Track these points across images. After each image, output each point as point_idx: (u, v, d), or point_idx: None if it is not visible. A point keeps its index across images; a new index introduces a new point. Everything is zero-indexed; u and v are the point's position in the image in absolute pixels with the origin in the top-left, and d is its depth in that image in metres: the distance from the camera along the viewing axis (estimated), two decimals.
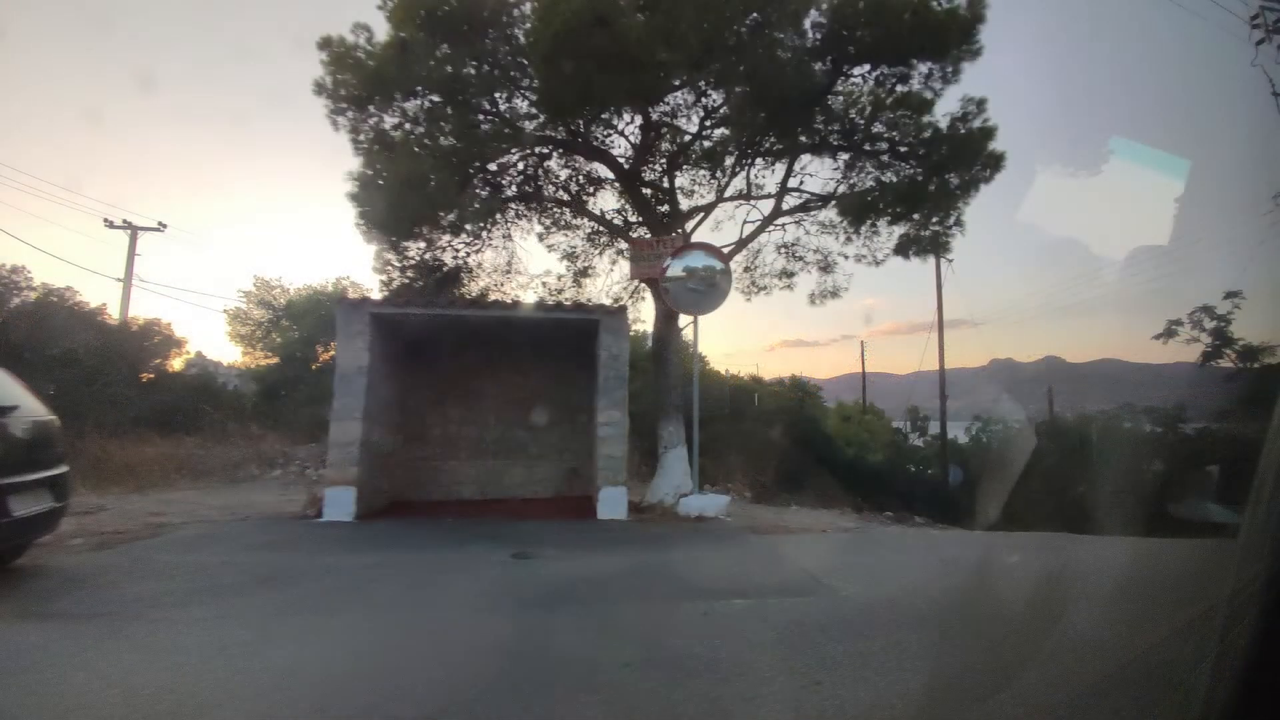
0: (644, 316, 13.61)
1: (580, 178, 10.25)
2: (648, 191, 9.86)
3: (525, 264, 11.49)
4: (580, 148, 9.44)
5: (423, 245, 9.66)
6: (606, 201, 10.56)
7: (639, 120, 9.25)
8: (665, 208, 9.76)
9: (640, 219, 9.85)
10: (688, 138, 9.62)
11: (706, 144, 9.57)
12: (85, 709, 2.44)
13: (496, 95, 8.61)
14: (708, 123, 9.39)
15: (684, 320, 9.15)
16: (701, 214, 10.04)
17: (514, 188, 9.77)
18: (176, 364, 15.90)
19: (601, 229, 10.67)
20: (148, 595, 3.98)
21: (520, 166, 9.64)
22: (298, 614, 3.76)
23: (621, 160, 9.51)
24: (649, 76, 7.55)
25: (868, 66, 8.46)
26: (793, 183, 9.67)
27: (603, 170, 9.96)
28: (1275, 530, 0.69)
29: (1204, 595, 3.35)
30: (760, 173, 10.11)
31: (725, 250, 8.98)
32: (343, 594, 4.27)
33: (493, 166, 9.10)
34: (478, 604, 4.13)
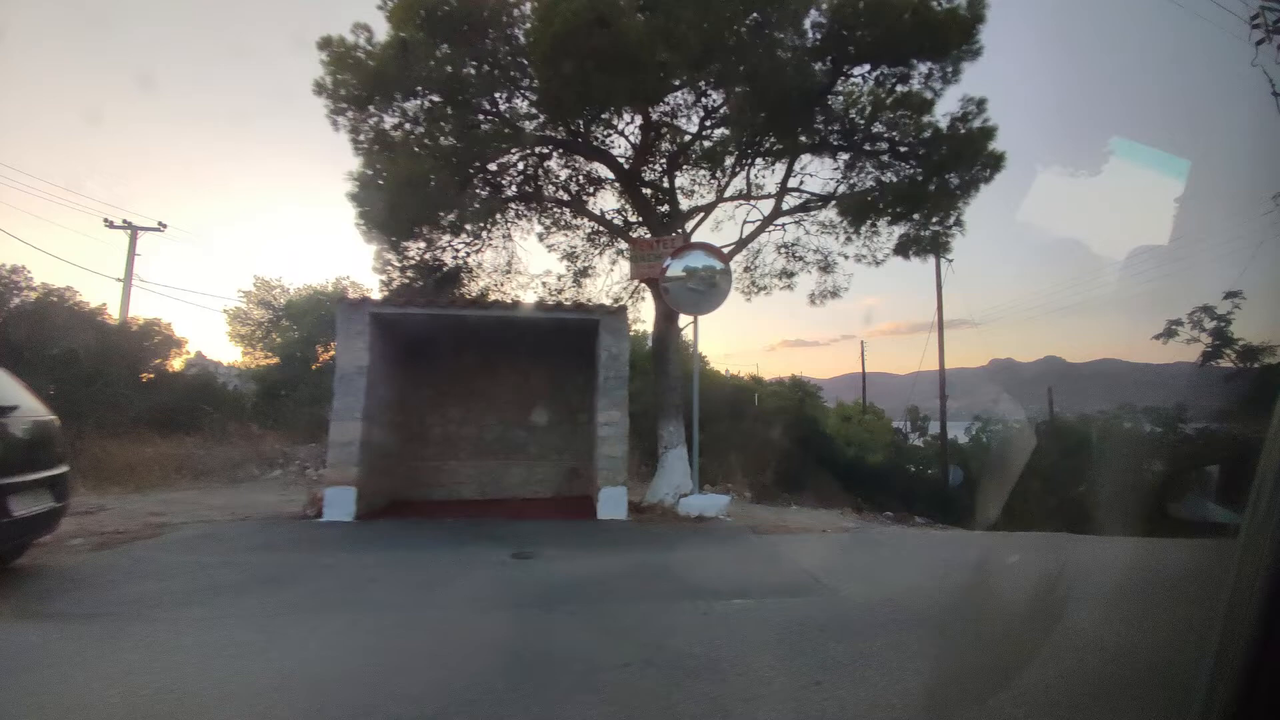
0: (644, 316, 13.66)
1: (580, 178, 10.26)
2: (648, 191, 9.86)
3: (525, 264, 11.53)
4: (580, 148, 9.44)
5: (423, 245, 9.65)
6: (606, 201, 10.58)
7: (639, 120, 9.25)
8: (665, 208, 9.76)
9: (640, 219, 9.85)
10: (688, 138, 9.62)
11: (706, 144, 9.57)
12: (85, 709, 2.45)
13: (496, 95, 8.61)
14: (708, 123, 9.39)
15: (684, 320, 9.15)
16: (701, 214, 10.04)
17: (514, 188, 9.77)
18: (176, 364, 15.89)
19: (601, 229, 10.67)
20: (148, 595, 3.99)
21: (520, 166, 9.64)
22: (298, 614, 3.76)
23: (621, 160, 9.51)
24: (649, 77, 7.55)
25: (868, 66, 8.46)
26: (793, 183, 9.68)
27: (603, 170, 9.96)
28: (1275, 530, 0.69)
29: (1204, 595, 3.35)
30: (760, 173, 10.13)
31: (725, 250, 8.98)
32: (343, 594, 4.27)
33: (493, 166, 9.10)
34: (478, 604, 4.13)
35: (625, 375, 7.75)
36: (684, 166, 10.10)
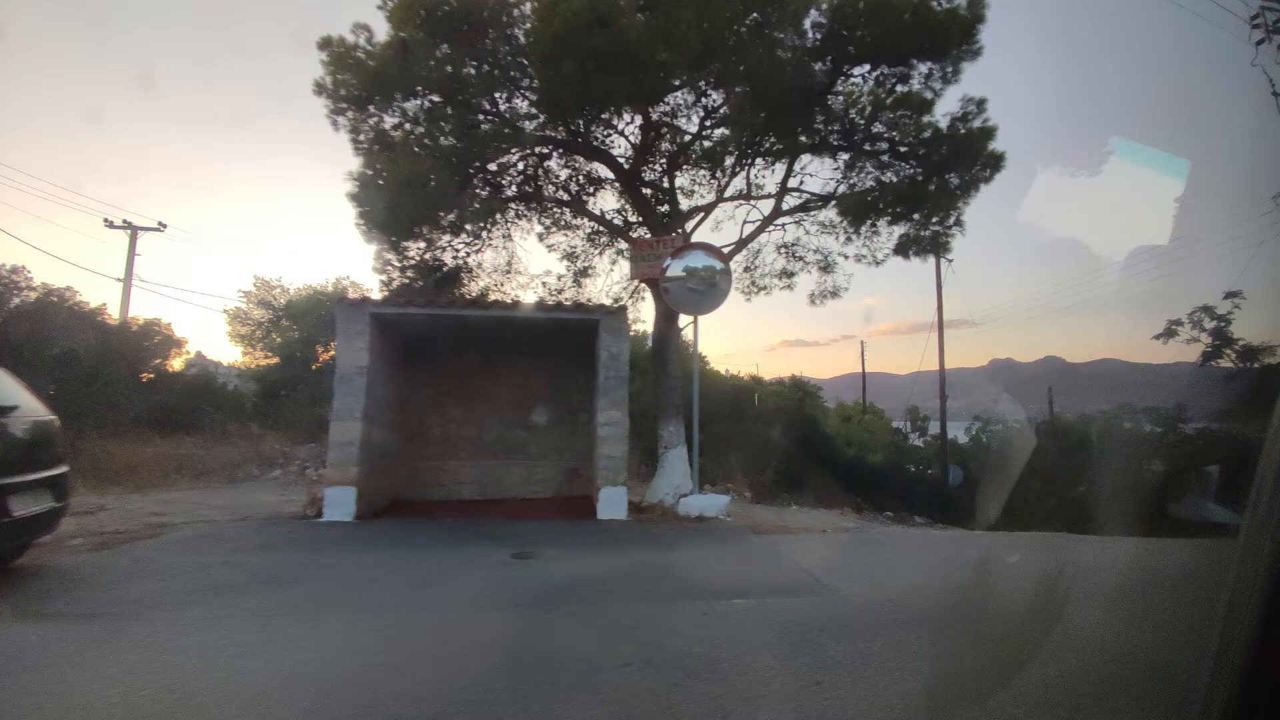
0: (644, 316, 13.66)
1: (580, 178, 10.26)
2: (648, 191, 9.86)
3: (525, 264, 11.53)
4: (580, 148, 9.44)
5: (423, 245, 9.65)
6: (606, 201, 10.58)
7: (639, 120, 9.25)
8: (665, 208, 9.76)
9: (640, 219, 9.85)
10: (688, 138, 9.61)
11: (706, 144, 9.57)
12: (85, 709, 2.45)
13: (496, 95, 8.61)
14: (708, 123, 9.39)
15: (684, 320, 9.15)
16: (701, 214, 10.04)
17: (514, 188, 9.77)
18: (176, 364, 15.89)
19: (601, 229, 10.67)
20: (148, 595, 3.99)
21: (520, 166, 9.64)
22: (298, 614, 3.76)
23: (621, 160, 9.51)
24: (649, 77, 7.55)
25: (868, 66, 8.46)
26: (793, 183, 9.67)
27: (603, 170, 9.96)
28: (1275, 530, 0.69)
29: (1204, 595, 3.35)
30: (760, 173, 10.12)
31: (725, 250, 8.98)
32: (342, 594, 4.27)
33: (493, 166, 9.10)
34: (478, 604, 4.13)
35: (625, 375, 7.75)
36: (684, 166, 10.10)
